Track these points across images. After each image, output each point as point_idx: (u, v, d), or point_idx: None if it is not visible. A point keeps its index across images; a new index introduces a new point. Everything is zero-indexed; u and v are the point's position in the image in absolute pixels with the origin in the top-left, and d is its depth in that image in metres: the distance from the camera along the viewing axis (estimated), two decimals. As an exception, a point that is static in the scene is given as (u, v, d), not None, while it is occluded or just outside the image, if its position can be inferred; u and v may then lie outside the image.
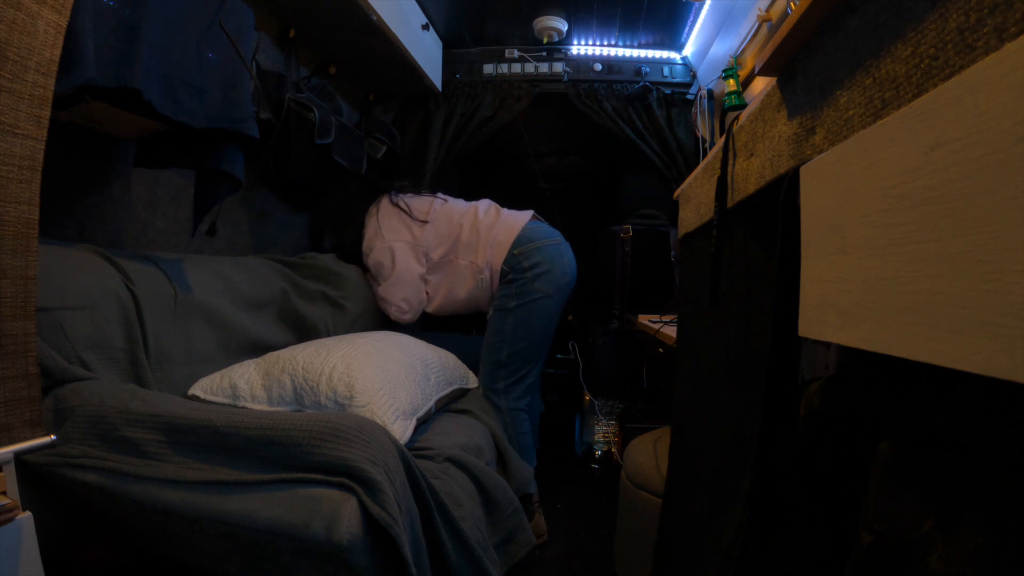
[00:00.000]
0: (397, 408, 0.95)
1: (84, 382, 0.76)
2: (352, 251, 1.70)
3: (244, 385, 0.97)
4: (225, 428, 0.66)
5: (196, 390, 0.99)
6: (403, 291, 1.63)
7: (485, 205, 1.67)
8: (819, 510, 0.44)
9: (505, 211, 1.65)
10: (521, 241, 1.53)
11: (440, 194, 1.75)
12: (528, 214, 1.62)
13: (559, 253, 1.54)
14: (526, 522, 1.04)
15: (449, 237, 1.60)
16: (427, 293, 1.66)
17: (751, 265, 0.58)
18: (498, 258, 1.53)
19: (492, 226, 1.58)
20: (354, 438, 0.64)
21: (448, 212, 1.64)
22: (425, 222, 1.61)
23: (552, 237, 1.57)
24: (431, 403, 1.13)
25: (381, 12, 1.50)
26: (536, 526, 1.45)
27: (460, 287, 1.60)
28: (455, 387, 1.31)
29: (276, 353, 1.05)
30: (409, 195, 1.71)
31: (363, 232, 1.67)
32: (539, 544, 1.45)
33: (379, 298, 1.65)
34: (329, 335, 1.38)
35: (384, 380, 0.98)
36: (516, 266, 1.50)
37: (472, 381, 1.44)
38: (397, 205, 1.66)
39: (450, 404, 1.30)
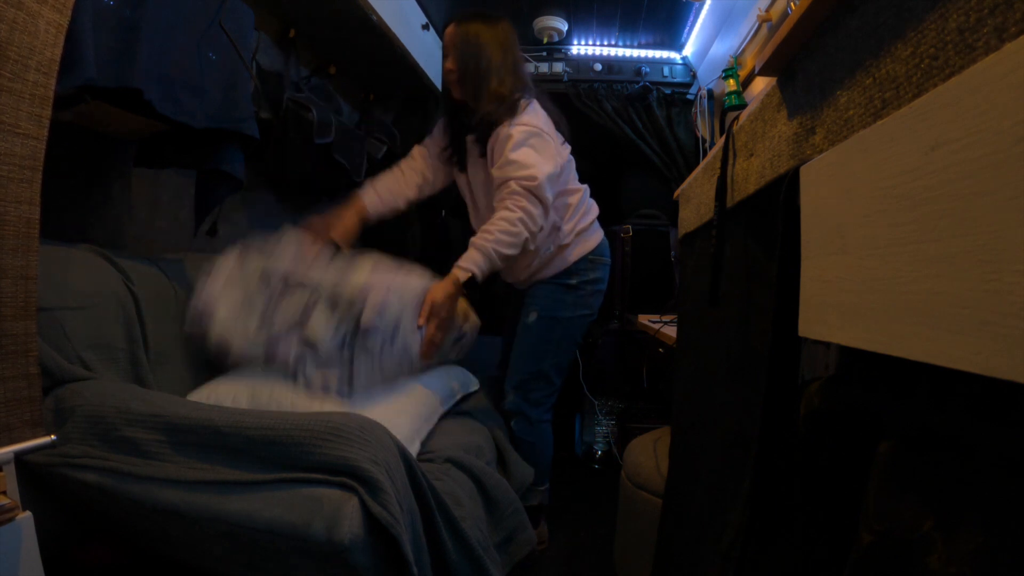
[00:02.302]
0: (400, 435, 0.94)
1: (85, 382, 0.76)
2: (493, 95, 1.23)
3: None
4: (226, 428, 0.66)
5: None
6: (551, 196, 1.18)
7: (588, 191, 1.42)
8: (819, 510, 0.44)
9: (597, 211, 1.44)
10: (598, 250, 1.37)
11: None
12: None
13: (608, 275, 1.42)
14: (527, 522, 1.04)
15: (565, 184, 1.31)
16: None
17: (751, 265, 0.58)
18: (577, 253, 1.32)
19: (587, 214, 1.36)
20: (355, 438, 0.64)
21: (572, 165, 1.37)
22: (564, 145, 1.30)
23: (610, 256, 1.43)
24: (435, 419, 1.12)
25: (381, 12, 1.50)
26: (539, 533, 1.43)
27: (535, 248, 1.29)
28: (458, 396, 1.31)
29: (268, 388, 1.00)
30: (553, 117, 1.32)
31: (516, 99, 1.23)
32: (539, 549, 1.44)
33: (525, 189, 1.13)
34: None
35: (385, 410, 0.97)
36: (584, 272, 1.34)
37: (474, 384, 1.43)
38: (545, 127, 1.26)
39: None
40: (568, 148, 1.36)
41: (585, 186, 1.41)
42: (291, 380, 0.97)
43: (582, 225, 1.34)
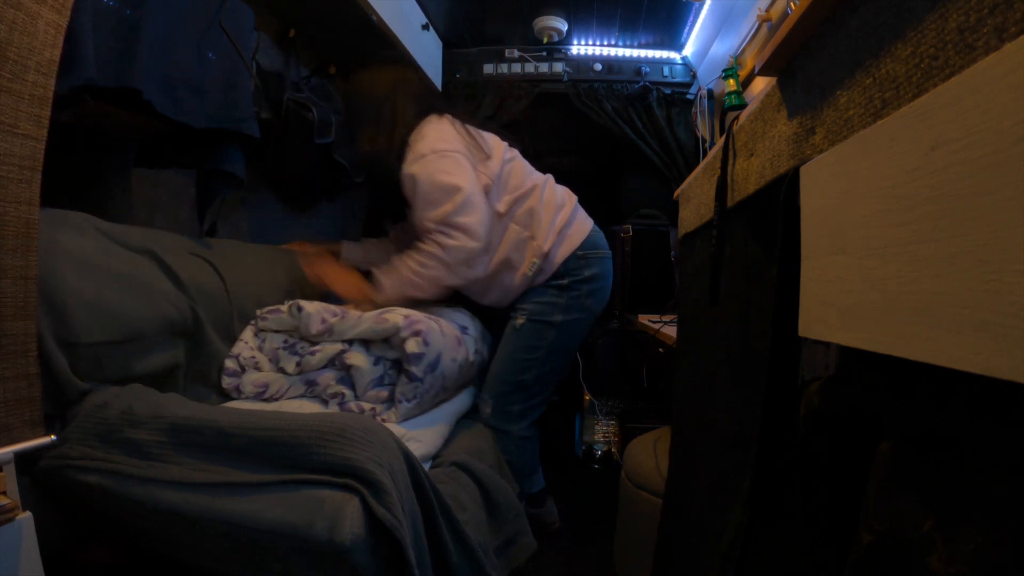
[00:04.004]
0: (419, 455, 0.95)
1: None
2: (391, 159, 1.15)
3: None
4: (231, 429, 0.66)
5: None
6: (479, 214, 1.08)
7: (552, 180, 1.29)
8: (819, 510, 0.44)
9: (577, 202, 1.30)
10: (588, 244, 1.23)
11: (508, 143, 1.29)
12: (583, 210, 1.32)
13: (610, 268, 1.31)
14: (528, 526, 1.04)
15: (515, 189, 1.19)
16: None
17: (751, 265, 0.58)
18: (562, 253, 1.20)
19: (562, 208, 1.23)
20: (359, 439, 0.64)
21: (521, 165, 1.25)
22: (489, 157, 1.18)
23: (608, 250, 1.30)
24: (447, 435, 1.12)
25: (381, 12, 1.50)
26: (548, 512, 1.47)
27: (508, 265, 1.20)
28: (467, 409, 1.30)
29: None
30: (471, 128, 1.24)
31: (408, 140, 1.16)
32: (553, 530, 1.47)
33: (439, 223, 1.08)
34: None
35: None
36: (575, 271, 1.21)
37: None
38: (466, 128, 1.19)
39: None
40: (504, 150, 1.24)
41: (545, 178, 1.27)
42: (323, 405, 0.97)
43: (559, 222, 1.22)
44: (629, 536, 1.16)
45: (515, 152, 1.28)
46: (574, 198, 1.31)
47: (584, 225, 1.27)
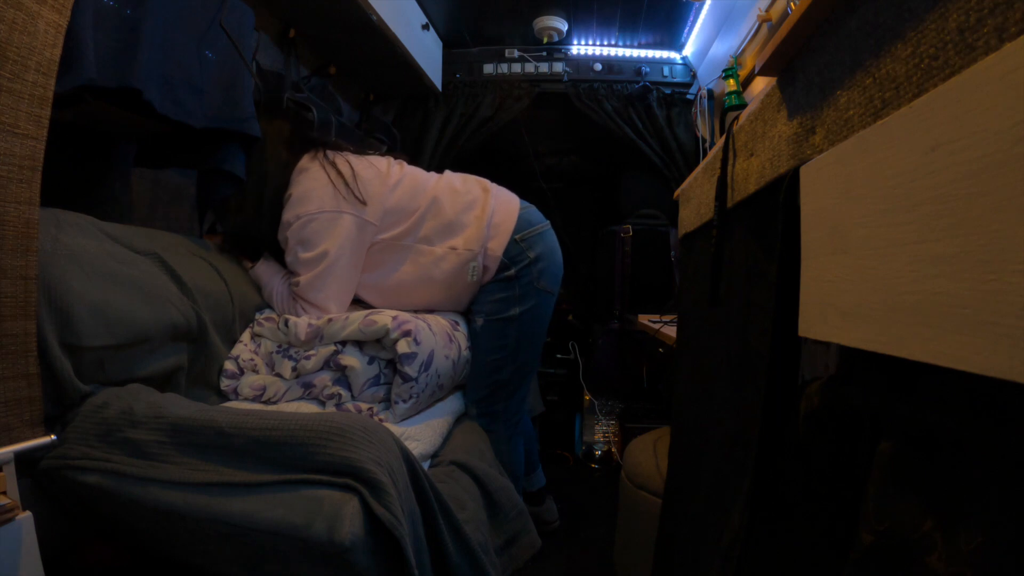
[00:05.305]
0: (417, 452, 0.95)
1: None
2: (261, 224, 1.12)
3: None
4: (230, 429, 0.66)
5: None
6: (336, 287, 1.09)
7: (456, 174, 1.25)
8: (819, 510, 0.44)
9: (493, 184, 1.25)
10: (522, 224, 1.18)
11: (394, 155, 1.25)
12: (506, 189, 1.27)
13: (554, 240, 1.26)
14: (531, 525, 1.04)
15: (411, 213, 1.13)
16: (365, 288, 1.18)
17: (751, 265, 0.58)
18: (498, 245, 1.16)
19: (475, 203, 1.18)
20: (359, 439, 0.64)
21: (411, 182, 1.16)
22: (364, 204, 1.10)
23: (544, 221, 1.25)
24: (446, 434, 1.12)
25: (381, 12, 1.50)
26: (548, 511, 1.47)
27: (435, 283, 1.16)
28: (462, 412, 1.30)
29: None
30: (348, 154, 1.16)
31: (284, 197, 1.12)
32: (552, 529, 1.49)
33: (294, 295, 1.10)
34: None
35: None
36: (519, 258, 1.17)
37: None
38: (335, 165, 1.11)
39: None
40: (389, 177, 1.14)
41: (436, 185, 1.18)
42: (320, 406, 0.97)
43: (480, 216, 1.16)
44: (629, 536, 1.16)
45: (402, 169, 1.19)
46: (484, 183, 1.23)
47: (510, 207, 1.20)
